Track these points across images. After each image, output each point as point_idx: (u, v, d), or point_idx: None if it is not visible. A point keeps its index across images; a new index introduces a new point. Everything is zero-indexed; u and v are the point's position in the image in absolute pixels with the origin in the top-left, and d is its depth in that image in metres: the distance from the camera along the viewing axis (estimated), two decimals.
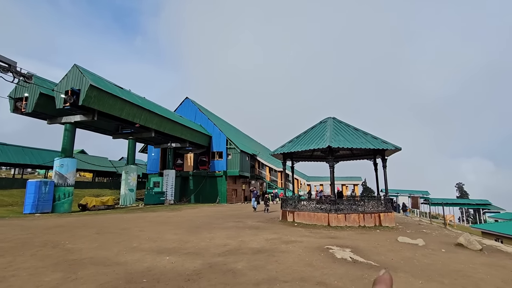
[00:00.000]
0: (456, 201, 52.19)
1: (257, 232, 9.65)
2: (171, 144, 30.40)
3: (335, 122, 13.67)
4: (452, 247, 7.52)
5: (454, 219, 36.00)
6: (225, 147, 33.42)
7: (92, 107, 18.46)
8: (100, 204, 20.78)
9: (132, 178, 25.94)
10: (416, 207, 28.49)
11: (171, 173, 30.17)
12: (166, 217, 14.66)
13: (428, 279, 4.65)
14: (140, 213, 17.65)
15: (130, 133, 26.06)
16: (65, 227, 10.61)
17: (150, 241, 7.75)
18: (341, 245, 7.30)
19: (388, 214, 11.68)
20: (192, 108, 36.63)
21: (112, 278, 4.56)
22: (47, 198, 17.56)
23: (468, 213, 57.04)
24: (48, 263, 5.41)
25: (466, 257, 6.36)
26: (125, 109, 21.22)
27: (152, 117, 24.29)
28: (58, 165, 18.88)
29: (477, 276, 4.89)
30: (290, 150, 12.81)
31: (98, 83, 18.54)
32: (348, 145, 11.45)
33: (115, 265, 5.33)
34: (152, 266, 5.31)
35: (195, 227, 10.68)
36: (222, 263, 5.55)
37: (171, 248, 6.85)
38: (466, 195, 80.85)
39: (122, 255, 6.16)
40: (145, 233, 9.25)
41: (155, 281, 4.45)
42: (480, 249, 7.23)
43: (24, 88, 18.41)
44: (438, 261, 5.93)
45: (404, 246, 7.41)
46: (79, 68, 18.38)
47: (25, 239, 7.83)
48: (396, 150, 12.14)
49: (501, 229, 25.73)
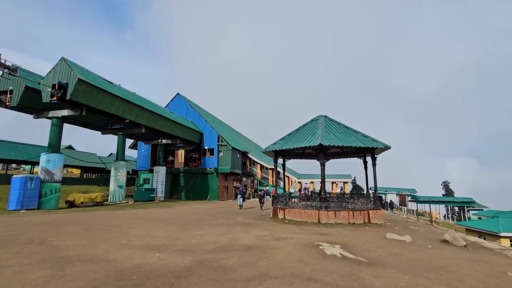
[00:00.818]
0: (442, 199, 53.65)
1: (248, 229, 9.68)
2: (162, 140, 30.05)
3: (327, 120, 13.79)
4: (438, 244, 7.73)
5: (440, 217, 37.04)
6: (217, 144, 33.28)
7: (80, 101, 18.02)
8: (88, 201, 20.39)
9: (122, 175, 25.55)
10: (403, 204, 29.16)
11: (161, 170, 29.85)
12: (156, 214, 14.52)
13: (415, 274, 4.77)
14: (130, 210, 17.42)
15: (119, 129, 25.59)
16: (52, 223, 10.38)
17: (140, 238, 7.66)
18: (331, 241, 7.40)
19: (377, 211, 11.90)
20: (184, 104, 36.25)
21: (101, 275, 4.49)
22: (33, 194, 17.11)
23: (453, 211, 58.73)
24: (34, 261, 5.29)
25: (451, 253, 6.55)
26: (115, 104, 20.81)
27: (143, 113, 23.92)
28: (45, 160, 18.39)
29: (462, 271, 5.05)
30: (282, 147, 12.85)
31: (86, 77, 18.10)
32: (339, 143, 11.58)
33: (104, 262, 5.25)
34: (142, 263, 5.26)
35: (186, 224, 10.62)
36: (213, 259, 5.54)
37: (161, 245, 6.80)
38: (452, 193, 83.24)
39: (111, 252, 6.08)
40: (135, 230, 9.14)
41: (145, 278, 4.41)
42: (464, 245, 7.46)
43: (9, 80, 17.80)
44: (425, 257, 6.08)
45: (392, 243, 7.57)
46: (67, 61, 17.89)
47: (10, 236, 7.62)
48: (385, 148, 12.35)
49: (484, 226, 26.64)
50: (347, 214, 11.54)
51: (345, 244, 7.07)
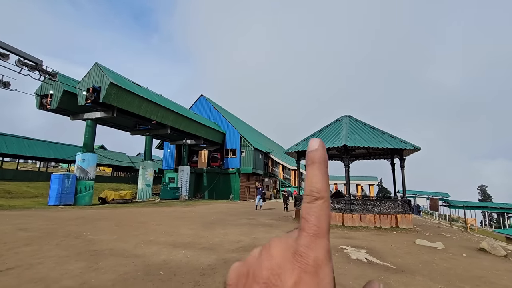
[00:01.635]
0: (478, 204, 50.00)
1: (270, 229, 9.68)
2: (186, 140, 30.91)
3: (351, 120, 13.42)
4: (474, 252, 7.23)
5: (475, 223, 34.54)
6: (239, 144, 33.59)
7: (112, 104, 19.06)
8: (119, 198, 21.49)
9: (149, 174, 26.64)
10: (435, 209, 27.56)
11: (185, 169, 30.70)
12: (181, 212, 14.97)
13: (448, 283, 4.51)
14: (156, 207, 18.11)
15: (147, 130, 26.73)
16: (86, 218, 11.07)
17: (166, 235, 7.95)
18: (356, 245, 7.19)
19: (405, 215, 11.37)
20: (207, 105, 37.02)
21: (131, 269, 4.72)
22: (70, 190, 18.35)
23: (492, 217, 54.48)
24: (72, 253, 5.68)
25: (489, 263, 6.11)
26: (143, 106, 21.77)
27: (168, 114, 24.79)
28: (80, 159, 19.66)
29: (501, 283, 4.69)
30: (304, 148, 12.70)
31: (117, 81, 19.10)
32: (365, 144, 11.22)
33: (133, 257, 5.51)
34: (169, 259, 5.45)
35: (209, 223, 10.85)
36: (236, 259, 5.61)
37: (187, 243, 7.00)
38: (489, 198, 77.30)
39: (140, 247, 6.36)
40: (161, 227, 9.49)
41: (172, 274, 4.58)
42: (504, 255, 6.92)
43: (49, 85, 19.26)
44: (459, 265, 5.72)
45: (422, 249, 7.20)
46: (100, 66, 19.00)
47: (50, 229, 8.24)
48: (415, 150, 11.78)
49: None
50: (373, 217, 11.15)
51: (371, 249, 6.84)
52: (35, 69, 14.94)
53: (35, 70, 14.96)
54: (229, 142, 34.27)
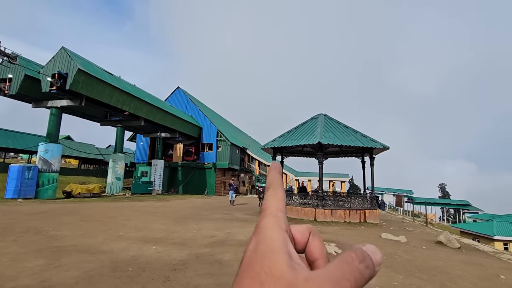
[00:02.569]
0: (438, 200, 53.96)
1: (244, 224, 9.73)
2: (161, 134, 29.99)
3: (326, 119, 13.78)
4: (432, 245, 7.80)
5: (435, 218, 37.31)
6: (216, 139, 33.24)
7: (80, 92, 17.93)
8: (86, 192, 20.39)
9: (120, 167, 25.52)
10: (400, 205, 29.31)
11: (159, 163, 29.84)
12: (153, 207, 14.56)
13: (408, 274, 4.82)
14: (127, 202, 17.45)
15: (118, 121, 25.52)
16: (49, 213, 10.38)
17: (136, 230, 7.69)
18: (326, 239, 7.44)
19: (373, 211, 11.97)
20: (183, 98, 36.11)
21: (97, 266, 4.51)
22: (30, 183, 17.09)
23: (449, 213, 59.12)
24: (31, 249, 5.30)
25: (445, 255, 6.62)
26: (115, 96, 20.72)
27: (142, 106, 23.84)
28: (43, 150, 18.34)
29: (455, 272, 5.11)
30: (281, 144, 12.86)
31: (87, 68, 17.99)
32: (338, 142, 11.60)
33: (100, 253, 5.27)
34: (138, 255, 5.28)
35: (183, 218, 10.66)
36: (209, 254, 5.57)
37: (158, 238, 6.83)
38: (448, 195, 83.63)
39: (108, 243, 6.10)
40: (132, 222, 9.17)
41: (141, 270, 4.44)
42: (458, 247, 7.53)
43: (8, 69, 17.66)
44: (419, 257, 6.14)
45: (387, 242, 7.63)
46: (67, 51, 17.75)
47: (6, 225, 7.63)
48: (384, 149, 12.38)
49: (479, 229, 26.87)
50: (344, 213, 11.60)
51: (340, 243, 7.12)
52: None
53: None
54: (206, 137, 33.79)
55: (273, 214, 0.31)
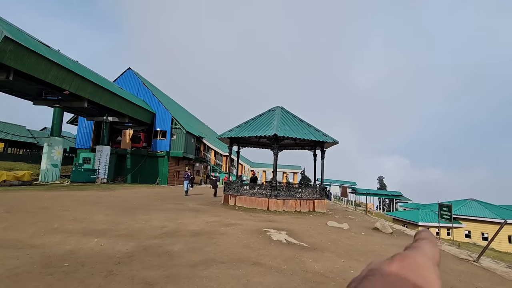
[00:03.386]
0: (376, 191, 60.00)
1: (197, 214, 9.55)
2: (108, 117, 27.50)
3: (283, 111, 14.13)
4: (370, 231, 8.65)
5: (373, 207, 41.46)
6: (170, 126, 31.75)
7: (6, 64, 15.36)
8: (13, 179, 17.83)
9: (57, 152, 22.81)
10: (344, 195, 31.84)
11: (105, 150, 27.46)
12: (96, 197, 13.41)
13: (349, 258, 5.27)
14: (65, 191, 15.76)
15: (56, 100, 22.60)
16: None
17: (75, 222, 6.99)
18: (278, 228, 7.72)
19: (321, 201, 12.77)
20: (135, 80, 33.54)
21: (24, 262, 3.99)
22: None
23: (385, 202, 66.38)
24: None
25: (380, 239, 7.39)
26: (52, 71, 18.26)
27: (86, 85, 21.48)
28: None
29: (387, 255, 5.68)
30: (238, 135, 12.84)
31: (16, 36, 15.44)
32: (293, 135, 12.01)
33: (29, 248, 4.67)
34: (76, 248, 4.82)
35: (130, 208, 10.03)
36: (158, 245, 5.34)
37: (101, 230, 6.31)
38: (385, 187, 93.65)
39: (39, 236, 5.44)
40: (70, 213, 8.31)
41: (79, 264, 4.05)
42: (391, 232, 8.48)
43: None
44: (358, 242, 6.75)
45: (332, 230, 8.23)
46: None
47: None
48: (334, 143, 13.21)
49: (407, 216, 30.67)
50: (295, 202, 12.16)
51: (291, 231, 7.46)
52: None
53: None
54: (159, 123, 32.04)
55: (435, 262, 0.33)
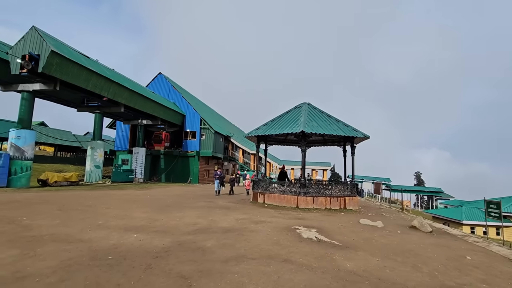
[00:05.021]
0: (413, 188, 56.72)
1: (227, 212, 9.79)
2: (142, 121, 29.14)
3: (310, 108, 13.90)
4: (407, 229, 8.22)
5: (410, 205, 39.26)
6: (199, 127, 32.77)
7: (53, 75, 16.91)
8: (63, 180, 19.64)
9: (99, 154, 24.69)
10: (378, 192, 30.52)
11: (141, 151, 29.13)
12: (134, 195, 14.29)
13: (384, 257, 5.07)
14: (107, 190, 17.01)
15: (97, 107, 24.46)
16: (23, 202, 9.94)
17: (117, 219, 7.54)
18: (307, 225, 7.65)
19: (352, 198, 12.39)
20: (166, 84, 35.06)
21: (75, 255, 4.40)
22: (2, 171, 16.19)
23: (423, 200, 62.47)
24: (3, 239, 5.08)
25: (418, 238, 7.00)
26: (92, 80, 19.75)
27: (122, 91, 22.92)
28: (14, 136, 17.33)
29: (426, 254, 5.43)
30: (264, 133, 12.88)
31: (60, 50, 16.92)
32: (321, 131, 11.77)
33: (78, 242, 5.14)
34: (119, 243, 5.20)
35: (165, 206, 10.56)
36: (191, 241, 5.58)
37: (139, 226, 6.74)
38: (423, 183, 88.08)
39: (87, 232, 5.95)
40: (112, 210, 8.97)
41: (122, 258, 4.38)
42: (430, 231, 7.99)
43: None
44: (394, 241, 6.46)
45: (365, 228, 7.96)
46: (39, 31, 16.57)
47: None
48: (364, 138, 12.72)
49: (449, 214, 28.63)
50: (325, 200, 11.93)
51: (321, 228, 7.35)
52: None
53: None
54: (189, 124, 33.21)
55: None
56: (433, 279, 4.08)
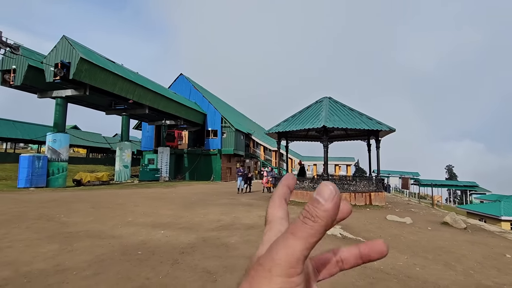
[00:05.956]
0: (444, 182, 53.70)
1: (250, 209, 9.86)
2: (166, 121, 30.07)
3: (331, 102, 13.57)
4: (438, 226, 7.82)
5: (441, 200, 37.26)
6: (220, 125, 33.23)
7: (83, 81, 17.92)
8: (95, 180, 20.84)
9: (127, 155, 25.87)
10: (406, 187, 29.28)
11: (165, 150, 30.12)
12: (161, 193, 14.83)
13: (413, 254, 4.86)
14: (135, 189, 17.80)
15: (123, 109, 25.59)
16: (60, 201, 10.67)
17: (145, 216, 7.87)
18: None
19: (378, 193, 11.98)
20: (187, 85, 35.88)
21: (107, 250, 4.66)
22: (41, 172, 17.49)
23: (456, 194, 58.97)
24: (44, 235, 5.49)
25: (450, 235, 6.64)
26: (118, 84, 20.67)
27: (146, 93, 23.78)
28: (51, 140, 18.62)
29: (460, 252, 5.13)
30: (285, 129, 12.79)
31: (89, 56, 17.87)
32: (343, 125, 11.47)
33: (110, 238, 5.43)
34: (147, 239, 5.43)
35: (190, 203, 10.85)
36: (215, 237, 5.69)
37: (166, 223, 6.98)
38: (455, 177, 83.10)
39: (117, 228, 6.27)
40: (140, 208, 9.37)
41: (150, 253, 4.57)
42: (464, 227, 7.54)
43: (12, 59, 17.67)
44: (424, 238, 6.17)
45: (392, 224, 7.68)
46: (68, 39, 17.60)
47: (20, 212, 7.88)
48: (390, 131, 12.22)
49: (486, 209, 26.81)
50: (349, 196, 11.64)
51: (346, 225, 7.19)
52: None
53: None
54: (210, 123, 33.78)
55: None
56: (468, 278, 3.86)
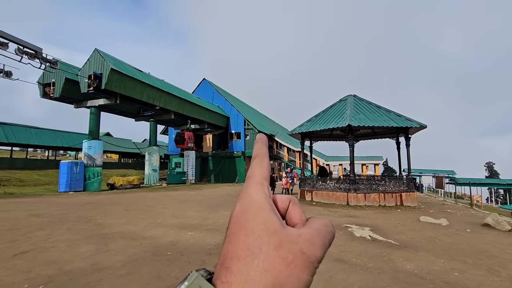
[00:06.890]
0: (484, 181, 49.75)
1: None
2: (190, 125, 30.94)
3: (356, 99, 13.17)
4: (478, 227, 7.27)
5: (481, 200, 34.54)
6: (243, 127, 33.53)
7: (114, 90, 19.00)
8: (127, 183, 21.95)
9: (155, 159, 26.96)
10: (440, 187, 27.55)
11: (191, 154, 30.95)
12: (187, 196, 15.25)
13: (451, 258, 4.56)
14: (163, 191, 18.47)
15: (151, 116, 26.75)
16: (96, 204, 11.36)
17: (173, 218, 8.14)
18: (360, 223, 7.27)
19: (410, 193, 11.40)
20: (210, 89, 36.67)
21: (139, 251, 4.88)
22: (79, 177, 18.76)
23: (498, 194, 54.39)
24: (82, 236, 5.87)
25: (493, 238, 6.14)
26: (145, 91, 21.66)
27: (171, 99, 24.68)
28: (87, 147, 19.93)
29: (505, 256, 4.73)
30: (309, 129, 12.61)
31: (118, 67, 18.92)
32: (369, 124, 11.07)
33: (142, 239, 5.68)
34: (176, 240, 5.61)
35: (215, 205, 11.05)
36: None
37: (193, 225, 7.17)
38: (497, 174, 76.79)
39: (148, 230, 6.54)
40: (169, 210, 9.71)
41: (179, 254, 4.71)
42: (509, 229, 6.94)
43: (51, 73, 19.19)
44: (462, 241, 5.77)
45: (426, 226, 7.26)
46: (100, 52, 18.76)
47: (61, 215, 8.50)
48: (421, 128, 11.60)
49: None
50: (378, 196, 11.20)
51: (375, 227, 6.92)
52: (35, 57, 14.84)
53: (35, 58, 14.86)
54: (233, 126, 34.22)
55: (258, 182, 0.33)
56: None
